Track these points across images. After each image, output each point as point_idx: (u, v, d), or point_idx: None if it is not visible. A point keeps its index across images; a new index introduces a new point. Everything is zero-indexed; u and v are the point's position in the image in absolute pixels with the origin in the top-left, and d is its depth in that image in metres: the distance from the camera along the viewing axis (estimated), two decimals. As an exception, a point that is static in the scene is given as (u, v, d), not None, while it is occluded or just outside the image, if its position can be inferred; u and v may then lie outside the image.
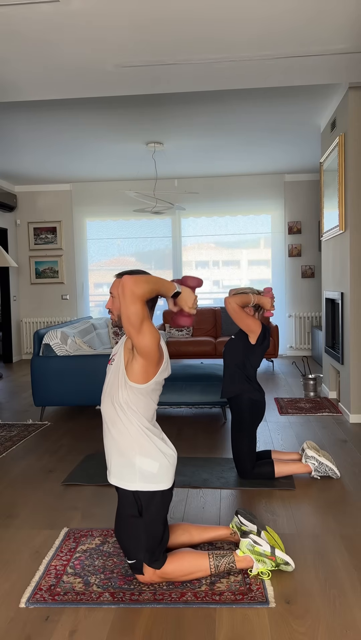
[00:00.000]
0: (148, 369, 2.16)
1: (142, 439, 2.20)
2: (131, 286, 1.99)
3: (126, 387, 2.18)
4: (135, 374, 2.16)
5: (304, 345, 8.65)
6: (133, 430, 2.19)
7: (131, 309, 2.01)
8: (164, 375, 2.25)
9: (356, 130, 4.63)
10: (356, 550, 2.52)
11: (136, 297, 2.00)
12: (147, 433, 2.20)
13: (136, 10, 3.03)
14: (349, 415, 4.76)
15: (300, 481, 3.37)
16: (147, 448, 2.20)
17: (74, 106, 5.07)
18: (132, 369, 2.16)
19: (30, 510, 3.07)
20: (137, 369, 2.16)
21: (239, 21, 3.18)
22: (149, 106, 5.12)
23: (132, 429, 2.19)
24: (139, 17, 3.10)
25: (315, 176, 8.43)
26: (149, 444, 2.20)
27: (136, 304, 2.01)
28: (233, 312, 3.29)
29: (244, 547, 2.32)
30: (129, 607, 2.12)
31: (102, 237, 8.91)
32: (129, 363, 2.18)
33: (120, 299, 2.04)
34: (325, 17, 3.17)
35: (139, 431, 2.19)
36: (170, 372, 2.32)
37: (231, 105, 5.14)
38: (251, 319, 3.32)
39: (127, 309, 2.01)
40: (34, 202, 8.92)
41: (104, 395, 2.28)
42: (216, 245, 8.76)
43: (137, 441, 2.19)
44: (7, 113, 5.21)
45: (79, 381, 4.93)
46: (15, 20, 3.10)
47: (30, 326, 9.01)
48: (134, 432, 2.19)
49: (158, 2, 2.95)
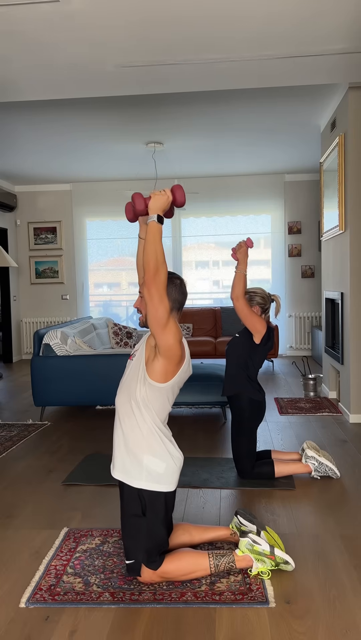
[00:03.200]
0: (169, 368, 2.18)
1: (153, 438, 2.20)
2: (156, 283, 2.07)
3: (145, 384, 2.20)
4: (155, 373, 2.18)
5: (304, 345, 8.65)
6: (145, 428, 2.20)
7: (160, 308, 2.06)
8: (185, 376, 2.27)
9: (356, 130, 4.63)
10: (356, 551, 2.52)
11: (160, 286, 2.07)
12: (158, 433, 2.21)
13: (135, 10, 3.03)
14: (349, 415, 4.76)
15: (300, 481, 3.37)
16: (156, 448, 2.20)
17: (74, 106, 5.07)
18: (153, 367, 2.18)
19: (30, 510, 3.07)
20: (158, 367, 2.17)
21: (239, 21, 3.18)
22: (149, 106, 5.12)
23: (145, 427, 2.20)
24: (139, 17, 3.10)
25: (315, 176, 8.43)
26: (158, 444, 2.21)
27: (163, 301, 2.07)
28: (241, 309, 3.30)
29: (243, 546, 2.32)
30: (129, 607, 2.12)
31: (102, 237, 8.91)
32: (150, 361, 2.20)
33: (147, 298, 2.08)
34: (324, 17, 3.17)
35: (151, 430, 2.20)
36: (191, 372, 2.34)
37: (231, 105, 5.14)
38: (257, 318, 3.33)
39: (156, 308, 2.07)
40: (34, 202, 8.93)
41: (121, 390, 2.29)
42: (216, 245, 8.76)
43: (147, 440, 2.20)
44: (7, 113, 5.21)
45: (79, 381, 4.93)
46: (15, 20, 3.10)
47: (30, 326, 9.01)
48: (146, 430, 2.20)
49: (158, 2, 2.94)
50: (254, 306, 3.39)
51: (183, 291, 2.29)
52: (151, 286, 2.06)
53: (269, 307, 3.47)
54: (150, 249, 2.08)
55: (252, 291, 3.43)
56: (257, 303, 3.40)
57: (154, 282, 2.06)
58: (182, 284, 2.29)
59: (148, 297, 2.08)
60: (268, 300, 3.45)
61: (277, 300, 3.51)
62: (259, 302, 3.41)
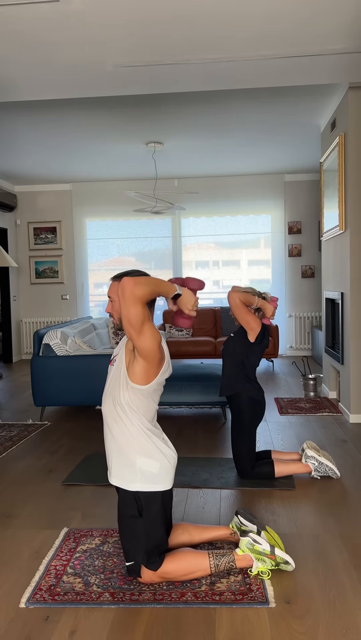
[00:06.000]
0: (149, 370, 2.16)
1: (143, 439, 2.20)
2: (131, 288, 1.99)
3: (127, 388, 2.18)
4: (136, 375, 2.16)
5: (304, 345, 8.64)
6: (134, 431, 2.19)
7: (132, 311, 2.00)
8: (165, 376, 2.25)
9: (356, 130, 4.63)
10: (356, 551, 2.52)
11: (137, 298, 1.99)
12: (147, 433, 2.21)
13: (135, 10, 3.03)
14: (349, 415, 4.76)
15: (300, 481, 3.37)
16: (147, 448, 2.20)
17: (74, 106, 5.07)
18: (134, 370, 2.16)
19: (30, 510, 3.07)
20: (139, 370, 2.16)
21: (238, 21, 3.18)
22: (149, 106, 5.12)
23: (133, 429, 2.19)
24: (139, 17, 3.09)
25: (315, 176, 8.43)
26: (149, 444, 2.20)
27: (137, 305, 2.00)
28: (235, 306, 3.30)
29: (243, 545, 2.32)
30: (129, 607, 2.12)
31: (102, 237, 8.91)
32: (130, 364, 2.18)
33: (120, 301, 2.03)
34: (324, 17, 3.17)
35: (140, 431, 2.20)
36: (171, 372, 2.32)
37: (231, 105, 5.14)
38: (251, 316, 3.33)
39: (128, 311, 2.00)
40: (34, 202, 8.92)
41: (105, 396, 2.28)
42: (216, 245, 8.76)
43: (138, 441, 2.19)
44: (7, 113, 5.21)
45: (79, 381, 4.93)
46: (15, 20, 3.10)
47: (30, 326, 9.01)
48: (135, 432, 2.19)
49: (158, 1, 2.94)
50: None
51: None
52: (126, 290, 1.99)
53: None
54: (145, 282, 2.04)
55: (243, 291, 3.41)
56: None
57: (131, 293, 2.00)
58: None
59: (122, 300, 2.00)
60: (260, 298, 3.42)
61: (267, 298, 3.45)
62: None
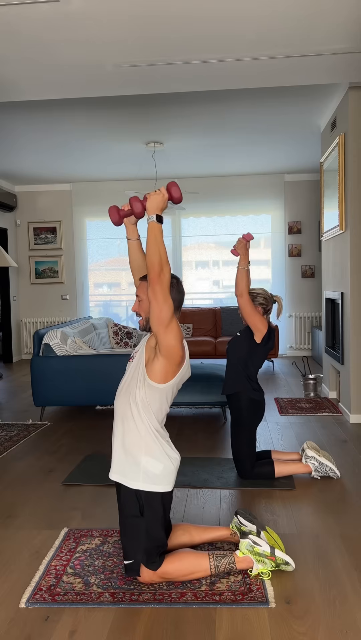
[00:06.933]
0: (168, 368, 2.19)
1: (150, 439, 2.21)
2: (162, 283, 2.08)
3: (144, 385, 2.20)
4: (155, 373, 2.18)
5: (304, 345, 8.64)
6: (143, 429, 2.21)
7: (164, 307, 2.08)
8: (184, 377, 2.27)
9: (356, 130, 4.63)
10: (356, 551, 2.52)
11: (166, 290, 2.09)
12: (155, 434, 2.22)
13: (135, 10, 3.03)
14: (349, 415, 4.76)
15: (300, 481, 3.37)
16: (154, 449, 2.21)
17: (74, 106, 5.07)
18: (153, 367, 2.19)
19: (30, 510, 3.07)
20: (158, 368, 2.18)
21: (238, 21, 3.18)
22: (149, 106, 5.12)
23: (143, 428, 2.20)
24: (139, 17, 3.09)
25: (315, 176, 8.43)
26: (156, 445, 2.21)
27: (168, 300, 2.09)
28: (244, 306, 3.31)
29: (243, 547, 2.32)
30: (129, 607, 2.12)
31: (102, 237, 8.91)
32: (150, 361, 2.20)
33: (151, 297, 2.09)
34: (324, 17, 3.17)
35: (149, 431, 2.21)
36: (190, 374, 2.35)
37: (231, 105, 5.14)
38: (259, 317, 3.34)
39: (161, 307, 2.08)
40: (34, 202, 8.92)
41: (120, 392, 2.29)
42: (217, 245, 8.76)
43: (145, 441, 2.20)
44: (7, 113, 5.21)
45: (79, 381, 4.93)
46: (15, 20, 3.10)
47: (30, 326, 9.01)
48: (144, 431, 2.21)
49: (158, 1, 2.94)
50: (256, 307, 3.40)
51: (181, 290, 2.30)
52: (156, 285, 2.07)
53: (271, 308, 3.48)
54: (153, 249, 2.08)
55: (254, 292, 3.43)
56: (259, 304, 3.41)
57: (159, 281, 2.07)
58: (179, 283, 2.30)
59: (152, 296, 2.09)
60: (270, 301, 3.45)
61: (279, 302, 3.52)
62: (262, 302, 3.41)
